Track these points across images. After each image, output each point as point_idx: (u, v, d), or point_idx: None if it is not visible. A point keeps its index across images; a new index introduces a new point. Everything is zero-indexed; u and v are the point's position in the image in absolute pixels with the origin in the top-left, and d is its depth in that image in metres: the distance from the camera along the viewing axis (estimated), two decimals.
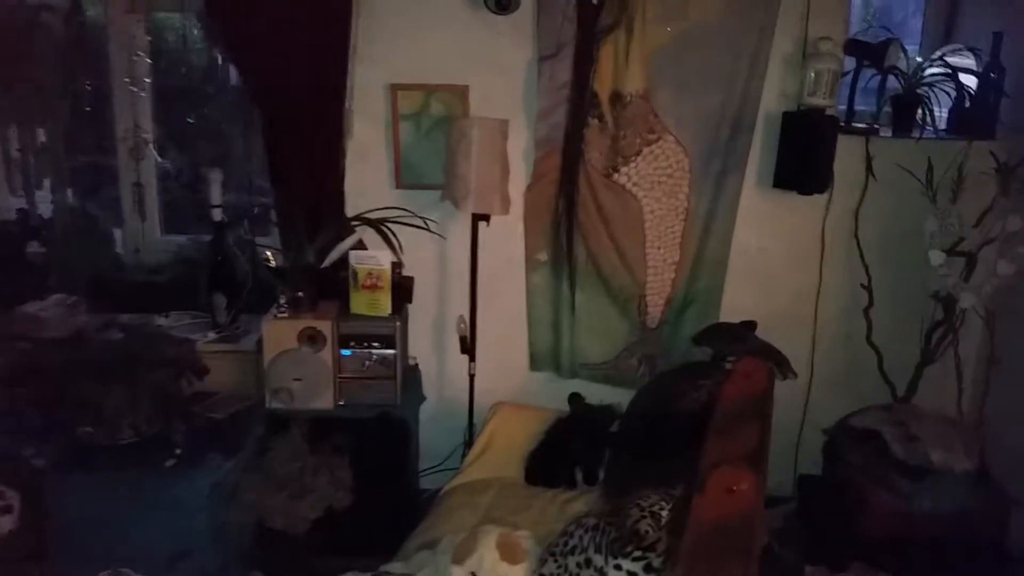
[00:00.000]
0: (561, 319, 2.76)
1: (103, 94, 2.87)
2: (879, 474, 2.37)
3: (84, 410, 2.12)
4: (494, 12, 2.51)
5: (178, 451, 2.20)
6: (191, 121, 3.00)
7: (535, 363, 2.86)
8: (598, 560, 1.62)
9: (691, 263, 2.70)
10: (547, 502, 2.29)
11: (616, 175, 2.63)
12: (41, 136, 2.85)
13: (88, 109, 2.90)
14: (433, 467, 2.86)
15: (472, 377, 2.71)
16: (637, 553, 1.58)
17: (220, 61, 3.00)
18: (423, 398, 2.79)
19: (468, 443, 2.73)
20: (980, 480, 2.38)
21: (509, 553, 1.70)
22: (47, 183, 2.93)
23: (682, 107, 2.59)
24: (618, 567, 1.59)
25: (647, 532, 1.56)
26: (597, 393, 2.67)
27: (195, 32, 3.01)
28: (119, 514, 2.10)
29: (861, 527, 2.37)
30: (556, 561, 1.73)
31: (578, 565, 1.66)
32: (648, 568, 1.58)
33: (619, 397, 2.59)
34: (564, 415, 2.54)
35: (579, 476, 2.38)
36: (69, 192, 2.94)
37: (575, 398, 2.57)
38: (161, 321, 2.56)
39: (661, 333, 2.76)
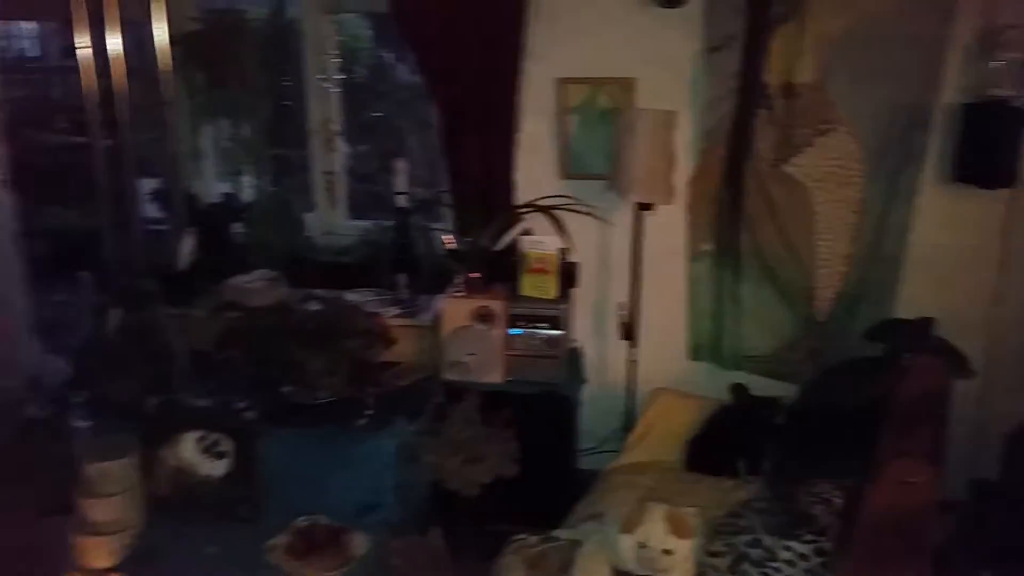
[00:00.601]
0: (724, 310, 2.78)
1: (298, 90, 3.16)
2: None
3: (289, 371, 2.39)
4: (663, 6, 2.57)
5: (368, 412, 2.41)
6: (377, 115, 3.24)
7: (695, 353, 2.90)
8: (768, 541, 1.66)
9: (864, 256, 2.64)
10: (708, 489, 2.32)
11: (785, 166, 2.62)
12: (245, 128, 3.16)
13: (286, 104, 3.20)
14: (591, 448, 2.94)
15: (632, 363, 2.79)
16: (809, 536, 1.61)
17: (396, 59, 3.22)
18: (584, 380, 2.89)
19: (626, 428, 2.81)
20: None
21: (677, 527, 1.76)
22: (249, 171, 3.25)
23: (856, 98, 2.55)
24: (788, 548, 1.63)
25: (820, 515, 1.59)
26: (759, 386, 2.68)
27: (374, 32, 3.25)
28: (315, 466, 2.33)
29: None
30: (724, 540, 1.78)
31: (747, 544, 1.71)
32: (819, 551, 1.61)
33: (782, 391, 2.59)
34: (727, 404, 2.57)
35: (742, 467, 2.40)
36: (267, 179, 3.26)
37: (738, 388, 2.59)
38: (349, 297, 2.80)
39: (829, 327, 2.72)
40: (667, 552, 1.75)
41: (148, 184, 3.20)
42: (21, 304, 3.44)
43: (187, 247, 2.89)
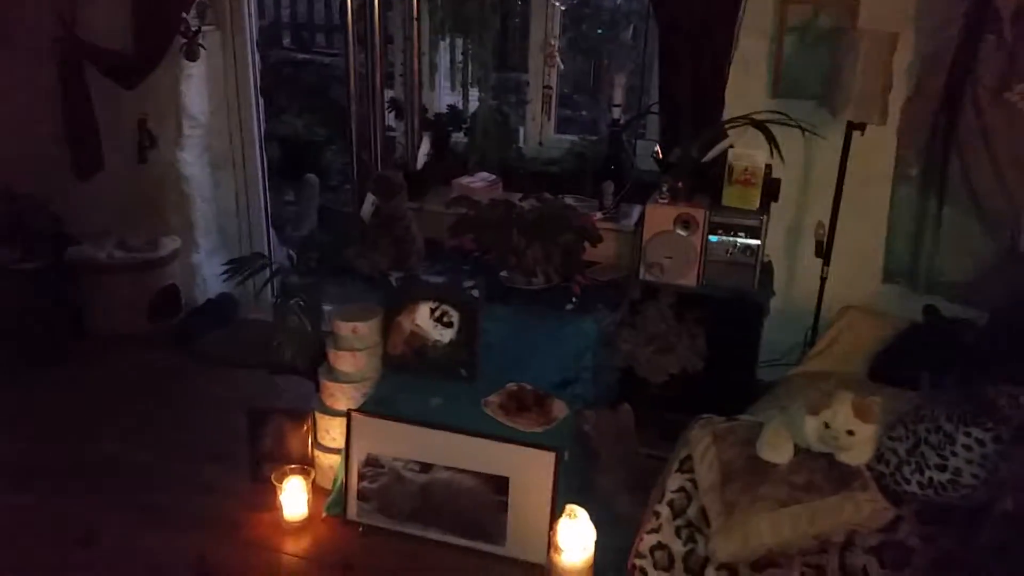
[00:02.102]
0: (924, 234, 2.82)
1: (525, 9, 3.41)
2: None
3: (510, 257, 2.72)
4: None
5: (574, 300, 2.71)
6: (600, 32, 3.45)
7: (889, 275, 2.96)
8: (948, 427, 1.79)
9: None
10: (889, 398, 2.40)
11: (1008, 93, 2.58)
12: (476, 43, 3.46)
13: (515, 20, 3.46)
14: (771, 360, 3.09)
15: (823, 280, 2.89)
16: (989, 424, 1.72)
17: None
18: (772, 293, 3.02)
19: (809, 343, 2.93)
20: None
21: (862, 412, 1.92)
22: (473, 84, 3.57)
23: None
24: (968, 434, 1.74)
25: (1003, 406, 1.70)
26: (952, 311, 2.72)
27: None
28: (526, 341, 2.67)
29: None
30: (905, 427, 1.93)
31: (927, 430, 1.84)
32: (997, 439, 1.72)
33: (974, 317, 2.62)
34: (917, 323, 2.64)
35: (925, 380, 2.47)
36: (489, 92, 3.57)
37: (930, 308, 2.65)
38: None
39: None
40: (850, 433, 1.92)
41: (386, 94, 3.60)
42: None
43: (423, 150, 3.27)
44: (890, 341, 2.61)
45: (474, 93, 3.58)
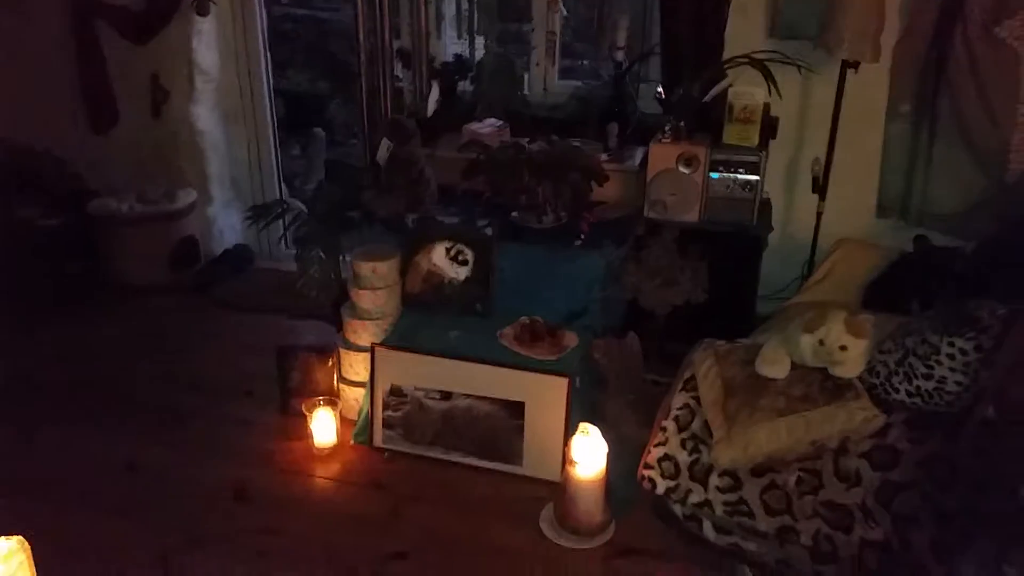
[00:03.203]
0: (915, 169, 2.93)
1: None
2: None
3: (521, 197, 2.85)
4: None
5: (583, 236, 2.85)
6: None
7: (882, 210, 3.08)
8: (933, 339, 1.94)
9: None
10: (883, 322, 2.58)
11: (997, 28, 2.68)
12: None
13: None
14: (771, 294, 3.23)
15: (819, 215, 3.02)
16: (971, 334, 1.87)
17: None
18: (771, 227, 3.14)
19: (806, 277, 3.08)
20: None
21: (855, 329, 2.07)
22: (479, 32, 3.66)
23: None
24: (952, 344, 1.89)
25: (984, 318, 1.85)
26: (941, 242, 2.85)
27: None
28: (537, 276, 2.81)
29: None
30: (894, 341, 2.08)
31: (914, 343, 1.99)
32: (978, 348, 1.87)
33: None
34: (908, 253, 2.77)
35: (916, 306, 2.61)
36: (494, 40, 3.66)
37: (921, 238, 2.79)
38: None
39: (1018, 190, 2.82)
40: (843, 348, 2.07)
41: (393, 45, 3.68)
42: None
43: (433, 98, 3.37)
44: (883, 270, 2.75)
45: (479, 41, 3.67)
